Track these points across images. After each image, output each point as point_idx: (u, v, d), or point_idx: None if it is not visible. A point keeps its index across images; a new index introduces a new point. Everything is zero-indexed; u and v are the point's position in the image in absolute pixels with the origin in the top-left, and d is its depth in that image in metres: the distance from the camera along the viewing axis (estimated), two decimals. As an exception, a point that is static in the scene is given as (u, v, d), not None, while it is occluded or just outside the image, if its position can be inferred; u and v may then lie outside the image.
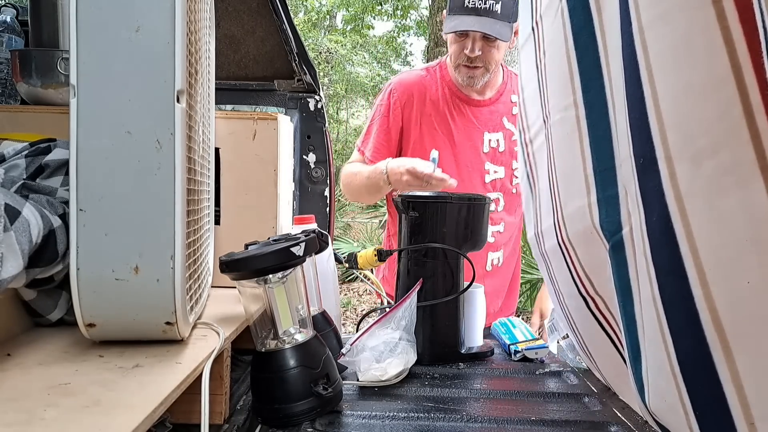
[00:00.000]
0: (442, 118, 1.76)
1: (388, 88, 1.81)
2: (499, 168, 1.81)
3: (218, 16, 1.27)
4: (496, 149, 1.80)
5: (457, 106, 1.77)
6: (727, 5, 0.53)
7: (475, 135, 1.78)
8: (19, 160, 0.85)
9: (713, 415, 0.61)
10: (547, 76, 0.99)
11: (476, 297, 1.29)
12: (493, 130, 1.80)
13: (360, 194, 1.81)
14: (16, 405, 0.55)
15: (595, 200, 0.84)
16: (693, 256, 0.59)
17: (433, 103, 1.76)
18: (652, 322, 0.68)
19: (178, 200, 0.69)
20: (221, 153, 1.11)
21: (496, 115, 1.81)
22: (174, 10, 0.68)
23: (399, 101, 1.75)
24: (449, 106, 1.77)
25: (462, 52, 1.67)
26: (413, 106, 1.75)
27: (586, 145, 0.85)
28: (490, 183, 1.80)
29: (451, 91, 1.77)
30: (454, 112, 1.77)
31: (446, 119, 1.76)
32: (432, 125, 1.75)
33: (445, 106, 1.77)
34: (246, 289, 0.88)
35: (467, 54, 1.66)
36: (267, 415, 0.86)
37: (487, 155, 1.79)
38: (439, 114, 1.76)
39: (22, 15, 1.39)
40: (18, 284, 0.71)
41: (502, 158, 1.80)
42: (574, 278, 0.98)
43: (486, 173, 1.80)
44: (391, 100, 1.76)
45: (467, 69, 1.69)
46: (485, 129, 1.79)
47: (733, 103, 0.53)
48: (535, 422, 0.90)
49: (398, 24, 11.48)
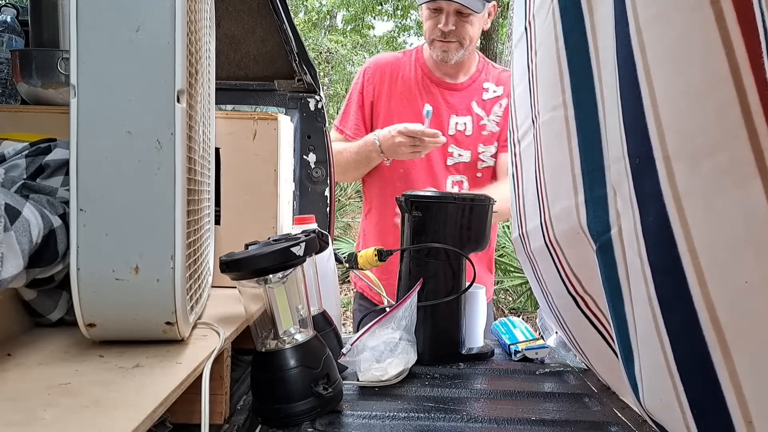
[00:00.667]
0: (411, 97, 1.82)
1: (362, 68, 1.90)
2: (464, 151, 1.84)
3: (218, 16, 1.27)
4: (462, 132, 1.83)
5: (427, 87, 1.83)
6: (725, 6, 0.53)
7: (443, 117, 1.83)
8: (19, 160, 0.85)
9: (711, 414, 0.61)
10: (538, 75, 0.99)
11: (477, 297, 1.29)
12: (461, 114, 1.84)
13: (347, 170, 1.85)
14: (16, 405, 0.56)
15: (583, 200, 0.84)
16: (691, 255, 0.59)
17: (405, 82, 1.82)
18: (646, 322, 0.68)
19: (179, 200, 0.69)
20: (221, 153, 1.11)
21: (465, 100, 1.85)
22: (174, 10, 0.68)
23: (371, 79, 1.83)
24: (419, 86, 1.83)
25: (436, 27, 1.72)
26: (384, 84, 1.82)
27: (575, 146, 0.86)
28: (453, 166, 1.84)
29: (424, 72, 1.84)
30: (424, 92, 1.82)
31: (416, 99, 1.82)
32: (401, 103, 1.81)
33: (415, 86, 1.83)
34: (246, 289, 0.88)
35: (441, 28, 1.71)
36: (267, 415, 0.86)
37: (453, 137, 1.83)
38: (409, 93, 1.82)
39: (22, 15, 1.38)
40: (18, 284, 0.71)
41: (468, 141, 1.84)
42: (562, 278, 0.98)
43: (449, 155, 1.83)
44: (365, 78, 1.85)
45: (441, 43, 1.74)
46: (452, 112, 1.83)
47: (731, 103, 0.53)
48: (535, 422, 0.90)
49: (398, 24, 11.49)
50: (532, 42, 1.01)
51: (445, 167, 1.83)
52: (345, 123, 1.88)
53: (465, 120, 1.84)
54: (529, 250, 1.12)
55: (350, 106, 1.88)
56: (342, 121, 1.89)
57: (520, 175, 1.13)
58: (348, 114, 1.88)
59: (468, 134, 1.84)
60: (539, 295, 1.19)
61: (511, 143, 1.20)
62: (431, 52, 1.79)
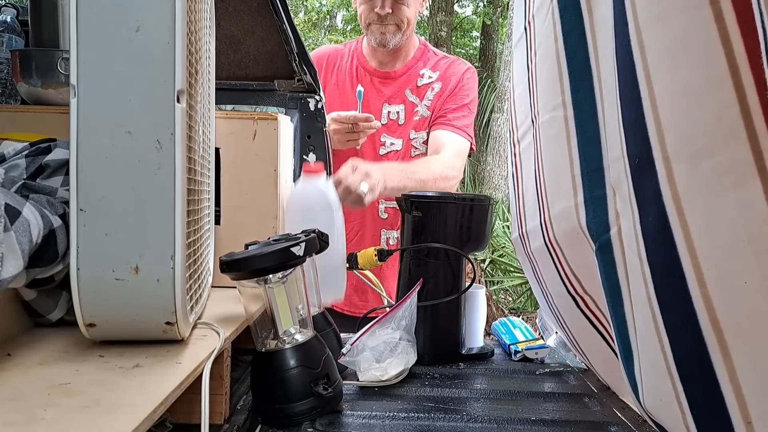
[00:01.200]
0: (344, 87, 1.82)
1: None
2: (396, 140, 1.83)
3: (218, 16, 1.27)
4: (395, 121, 1.83)
5: (360, 77, 1.82)
6: (725, 6, 0.53)
7: (375, 106, 1.81)
8: (19, 160, 0.85)
9: (710, 414, 0.61)
10: (537, 76, 0.99)
11: (477, 297, 1.29)
12: (393, 102, 1.83)
13: None
14: (16, 405, 0.56)
15: (582, 201, 0.84)
16: (690, 256, 0.59)
17: (339, 72, 1.82)
18: (646, 322, 0.69)
19: (178, 200, 0.69)
20: (221, 153, 1.11)
21: (399, 88, 1.84)
22: (174, 10, 0.68)
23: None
24: (353, 75, 1.83)
25: (372, 11, 1.71)
26: (321, 75, 1.79)
27: (574, 146, 0.86)
28: (385, 155, 1.83)
29: (359, 61, 1.83)
30: (357, 81, 1.81)
31: (348, 88, 1.81)
32: (335, 93, 1.80)
33: (349, 75, 1.82)
34: (246, 289, 0.88)
35: (377, 12, 1.69)
36: (267, 415, 0.86)
37: (385, 126, 1.82)
38: (342, 83, 1.82)
39: (22, 15, 1.38)
40: (18, 284, 0.71)
41: (401, 130, 1.83)
42: (562, 278, 0.98)
43: (381, 145, 1.83)
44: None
45: (379, 26, 1.72)
46: (385, 101, 1.82)
47: (730, 103, 0.53)
48: (535, 422, 0.90)
49: (398, 24, 11.49)
50: (532, 42, 1.01)
51: (377, 157, 1.82)
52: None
53: (398, 108, 1.83)
54: (529, 250, 1.12)
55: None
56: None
57: (520, 176, 1.13)
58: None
59: (401, 123, 1.83)
60: (539, 295, 1.19)
61: (510, 143, 1.20)
62: (368, 38, 1.77)
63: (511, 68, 1.20)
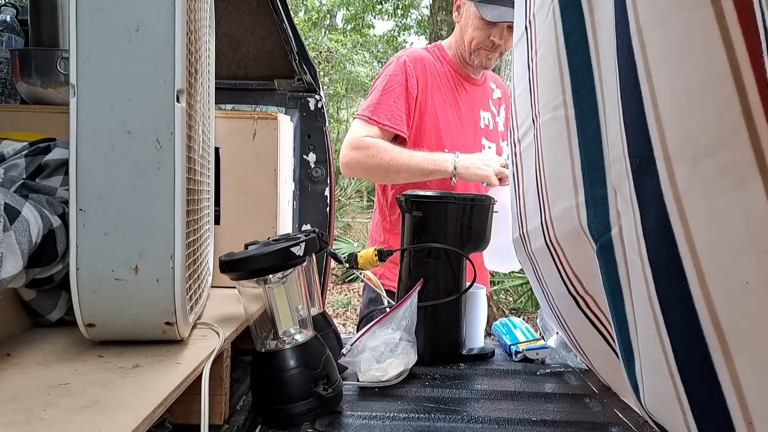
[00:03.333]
0: (450, 92, 1.82)
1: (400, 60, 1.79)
2: (492, 144, 1.89)
3: (218, 16, 1.27)
4: (488, 126, 1.88)
5: (460, 83, 1.84)
6: (726, 5, 0.53)
7: (476, 111, 1.86)
8: (18, 159, 0.85)
9: (711, 415, 0.61)
10: (538, 75, 0.99)
11: (478, 298, 1.29)
12: (485, 109, 1.89)
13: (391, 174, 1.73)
14: (15, 405, 0.55)
15: (583, 201, 0.84)
16: (692, 256, 0.59)
17: (441, 78, 1.81)
18: (647, 323, 0.68)
19: (178, 200, 0.69)
20: (221, 153, 1.11)
21: (486, 96, 1.91)
22: (174, 10, 0.68)
23: (414, 72, 1.76)
24: (455, 82, 1.84)
25: (488, 38, 1.73)
26: (427, 79, 1.78)
27: (575, 146, 0.85)
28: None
29: (454, 69, 1.84)
30: (459, 88, 1.84)
31: (454, 94, 1.82)
32: (442, 98, 1.80)
33: (451, 81, 1.83)
34: (246, 289, 0.88)
35: (494, 41, 1.73)
36: (267, 415, 0.86)
37: (483, 131, 1.87)
38: (447, 89, 1.82)
39: (22, 14, 1.38)
40: (18, 284, 0.71)
41: (493, 136, 1.90)
42: (563, 278, 0.98)
43: (482, 148, 1.87)
44: (408, 70, 1.76)
45: (488, 52, 1.76)
46: (480, 107, 1.88)
47: (731, 103, 0.53)
48: (535, 423, 0.90)
49: (399, 23, 11.48)
50: (533, 42, 1.01)
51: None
52: (380, 113, 1.73)
53: (488, 115, 1.90)
54: (529, 251, 1.12)
55: (387, 97, 1.74)
56: (376, 112, 1.73)
57: (521, 175, 1.12)
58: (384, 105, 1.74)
59: (491, 128, 1.90)
60: (540, 295, 1.19)
61: (511, 143, 1.20)
62: (473, 58, 1.79)
63: (512, 68, 1.20)
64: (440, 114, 1.78)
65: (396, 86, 1.75)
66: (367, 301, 1.92)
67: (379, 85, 1.78)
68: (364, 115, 1.75)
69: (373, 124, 1.73)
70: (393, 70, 1.78)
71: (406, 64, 1.77)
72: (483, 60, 1.78)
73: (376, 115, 1.73)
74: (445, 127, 1.78)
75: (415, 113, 1.77)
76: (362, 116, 1.75)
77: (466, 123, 1.82)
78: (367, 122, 1.74)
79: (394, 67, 1.78)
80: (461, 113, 1.82)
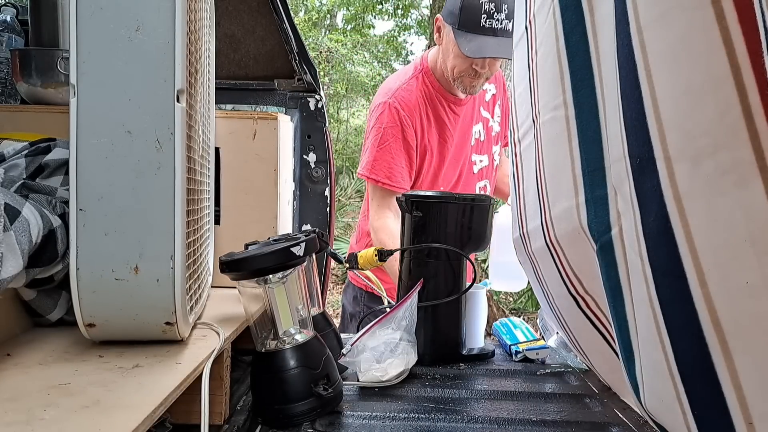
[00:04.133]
0: (441, 125, 1.78)
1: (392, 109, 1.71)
2: (483, 156, 1.88)
3: (218, 16, 1.27)
4: (478, 140, 1.86)
5: (450, 109, 1.80)
6: (726, 5, 0.53)
7: (467, 130, 1.84)
8: (19, 159, 0.85)
9: (712, 415, 0.61)
10: (538, 75, 0.99)
11: (478, 298, 1.29)
12: (477, 121, 1.86)
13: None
14: (16, 405, 0.55)
15: (584, 201, 0.84)
16: (692, 256, 0.59)
17: (432, 111, 1.78)
18: (647, 323, 0.68)
19: (178, 200, 0.69)
20: (221, 153, 1.11)
21: (477, 105, 1.87)
22: (174, 10, 0.68)
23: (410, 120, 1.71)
24: (445, 110, 1.79)
25: (470, 67, 1.65)
26: (422, 123, 1.74)
27: (575, 146, 0.85)
28: (478, 173, 1.87)
29: (442, 95, 1.78)
30: (450, 114, 1.80)
31: (445, 125, 1.78)
32: (434, 138, 1.76)
33: (442, 110, 1.78)
34: (246, 289, 0.88)
35: (477, 70, 1.65)
36: (267, 415, 0.86)
37: (473, 147, 1.85)
38: (438, 122, 1.77)
39: (22, 14, 1.39)
40: (18, 284, 0.71)
41: (484, 147, 1.88)
42: (563, 279, 0.98)
43: (473, 164, 1.86)
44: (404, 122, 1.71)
45: (471, 79, 1.68)
46: (472, 123, 1.85)
47: (732, 103, 0.53)
48: (536, 423, 0.90)
49: (399, 23, 11.48)
50: (533, 42, 1.01)
51: (473, 176, 1.86)
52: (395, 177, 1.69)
53: (479, 128, 1.86)
54: (529, 251, 1.12)
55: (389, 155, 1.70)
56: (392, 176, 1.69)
57: (521, 175, 1.12)
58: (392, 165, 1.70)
59: (482, 140, 1.87)
60: (540, 295, 1.19)
61: (511, 143, 1.20)
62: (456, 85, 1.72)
63: (512, 68, 1.20)
64: (437, 157, 1.76)
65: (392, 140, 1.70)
66: (351, 298, 1.93)
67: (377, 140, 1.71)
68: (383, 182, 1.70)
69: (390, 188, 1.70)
70: (385, 121, 1.71)
71: (400, 115, 1.70)
72: (467, 87, 1.70)
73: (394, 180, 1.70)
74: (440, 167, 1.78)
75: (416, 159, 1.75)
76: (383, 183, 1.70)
77: (458, 151, 1.80)
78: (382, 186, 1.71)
79: (389, 119, 1.71)
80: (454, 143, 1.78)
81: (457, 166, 1.81)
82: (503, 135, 1.94)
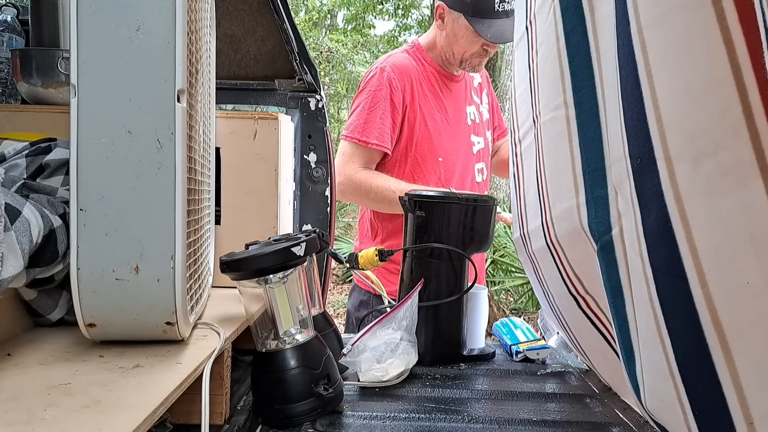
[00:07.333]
0: (435, 96, 1.81)
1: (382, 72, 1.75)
2: (479, 138, 1.89)
3: (219, 16, 1.27)
4: (474, 121, 1.88)
5: (444, 84, 1.83)
6: (726, 5, 0.53)
7: (462, 109, 1.86)
8: (19, 159, 0.85)
9: (712, 415, 0.61)
10: (539, 75, 0.99)
11: (479, 298, 1.29)
12: (470, 103, 1.89)
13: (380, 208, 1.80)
14: (16, 405, 0.55)
15: (584, 201, 0.84)
16: (692, 256, 0.59)
17: (425, 83, 1.80)
18: (648, 323, 0.68)
19: (179, 200, 0.69)
20: (222, 153, 1.11)
21: (468, 88, 1.90)
22: (175, 10, 0.68)
23: (399, 83, 1.75)
24: (439, 84, 1.82)
25: (481, 48, 1.73)
26: (414, 89, 1.77)
27: (576, 146, 0.85)
28: (476, 154, 1.88)
29: (437, 70, 1.83)
30: (444, 89, 1.83)
31: (439, 97, 1.81)
32: (429, 105, 1.79)
33: (435, 85, 1.82)
34: (246, 289, 0.88)
35: (488, 50, 1.74)
36: (268, 415, 0.86)
37: (470, 128, 1.87)
38: (432, 93, 1.81)
39: (22, 14, 1.38)
40: (18, 284, 0.71)
41: (480, 129, 1.90)
42: (564, 279, 0.98)
43: (472, 145, 1.87)
44: (393, 84, 1.74)
45: (480, 59, 1.77)
46: (465, 103, 1.87)
47: (732, 103, 0.53)
48: (536, 423, 0.90)
49: (399, 23, 11.48)
50: (533, 42, 1.01)
51: (472, 156, 1.88)
52: (369, 133, 1.73)
53: (472, 109, 1.89)
54: (530, 251, 1.12)
55: (374, 114, 1.73)
56: (365, 132, 1.73)
57: (521, 176, 1.12)
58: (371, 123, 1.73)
59: (478, 122, 1.89)
60: (540, 295, 1.19)
61: (512, 143, 1.20)
62: (461, 66, 1.79)
63: (513, 68, 1.20)
64: (430, 123, 1.77)
65: (381, 102, 1.74)
66: (357, 303, 1.92)
67: (363, 102, 1.75)
68: (353, 137, 1.75)
69: (361, 144, 1.74)
70: (377, 84, 1.75)
71: (390, 77, 1.74)
72: (475, 66, 1.79)
73: (365, 135, 1.74)
74: (436, 135, 1.77)
75: (403, 126, 1.77)
76: (352, 138, 1.76)
77: (454, 125, 1.81)
78: (356, 143, 1.75)
79: (378, 81, 1.75)
80: (449, 117, 1.80)
81: (455, 140, 1.81)
82: (492, 123, 2.00)
